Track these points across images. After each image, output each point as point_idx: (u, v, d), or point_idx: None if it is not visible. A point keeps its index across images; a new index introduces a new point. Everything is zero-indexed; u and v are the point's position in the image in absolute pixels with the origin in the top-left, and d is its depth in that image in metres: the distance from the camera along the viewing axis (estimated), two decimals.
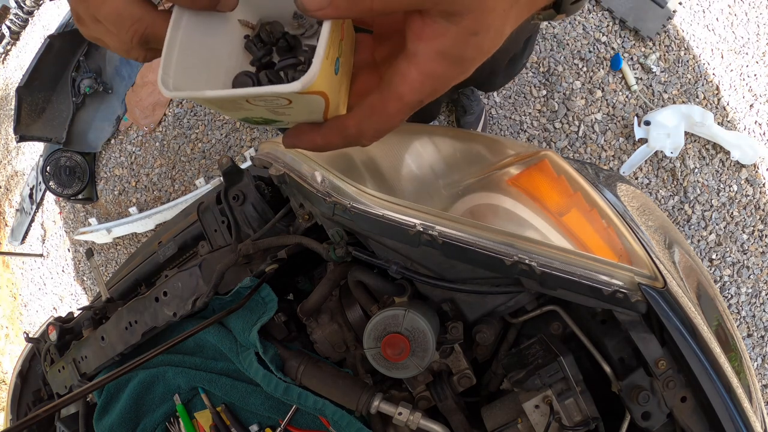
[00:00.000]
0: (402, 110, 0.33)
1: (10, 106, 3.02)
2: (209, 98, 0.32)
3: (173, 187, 2.44)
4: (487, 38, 0.31)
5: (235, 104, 0.33)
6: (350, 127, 0.35)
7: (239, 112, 0.35)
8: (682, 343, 0.56)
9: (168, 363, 0.83)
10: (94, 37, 0.39)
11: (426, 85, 0.32)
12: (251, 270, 0.76)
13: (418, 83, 0.32)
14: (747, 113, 1.82)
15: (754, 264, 1.85)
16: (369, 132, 0.35)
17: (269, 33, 0.38)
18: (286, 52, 0.38)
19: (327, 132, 0.36)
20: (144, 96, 2.45)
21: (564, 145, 1.90)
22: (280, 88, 0.30)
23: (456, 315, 0.66)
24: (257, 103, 0.32)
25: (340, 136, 0.35)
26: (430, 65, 0.31)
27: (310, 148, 0.37)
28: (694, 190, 1.84)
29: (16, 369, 1.19)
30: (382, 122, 0.34)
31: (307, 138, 0.37)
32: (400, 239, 0.61)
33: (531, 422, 0.61)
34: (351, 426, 0.68)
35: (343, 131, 0.35)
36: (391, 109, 0.33)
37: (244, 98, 0.31)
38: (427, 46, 0.31)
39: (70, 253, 2.82)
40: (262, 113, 0.35)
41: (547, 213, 0.62)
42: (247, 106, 0.33)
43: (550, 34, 1.89)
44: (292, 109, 0.33)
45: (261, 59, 0.38)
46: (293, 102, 0.32)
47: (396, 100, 0.33)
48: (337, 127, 0.35)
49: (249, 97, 0.31)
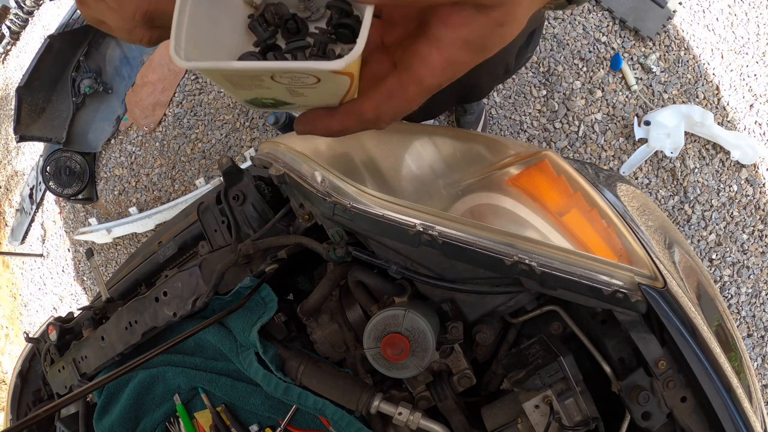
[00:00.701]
0: (421, 93, 0.33)
1: (10, 106, 3.02)
2: (235, 69, 0.30)
3: (173, 187, 2.44)
4: (510, 29, 0.31)
5: (256, 80, 0.32)
6: (368, 111, 0.34)
7: (254, 90, 0.34)
8: (682, 343, 0.56)
9: (168, 363, 0.83)
10: (95, 18, 0.38)
11: (447, 71, 0.32)
12: (251, 270, 0.76)
13: (440, 68, 0.32)
14: (747, 113, 1.82)
15: (754, 264, 1.85)
16: (387, 115, 0.35)
17: (274, 14, 0.37)
18: (293, 35, 0.38)
19: (343, 117, 0.35)
20: (144, 96, 2.45)
21: (564, 145, 1.90)
22: (320, 64, 0.29)
23: (456, 315, 0.66)
24: (282, 80, 0.31)
25: (357, 121, 0.35)
26: (454, 52, 0.31)
27: (325, 133, 0.37)
28: (694, 190, 1.84)
29: (16, 369, 1.19)
30: (400, 105, 0.34)
31: (322, 124, 0.36)
32: (400, 239, 0.61)
33: (531, 422, 0.61)
34: (351, 426, 0.68)
35: (360, 115, 0.35)
36: (411, 92, 0.33)
37: (271, 73, 0.30)
38: (453, 33, 0.31)
39: (70, 253, 2.82)
40: (278, 93, 0.34)
41: (547, 213, 0.62)
42: (267, 83, 0.32)
43: (550, 34, 1.89)
44: (314, 90, 0.33)
45: (266, 40, 0.37)
46: (321, 81, 0.31)
47: (416, 83, 0.33)
48: (354, 111, 0.35)
49: (279, 72, 0.30)
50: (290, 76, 0.31)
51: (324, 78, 0.30)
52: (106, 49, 2.47)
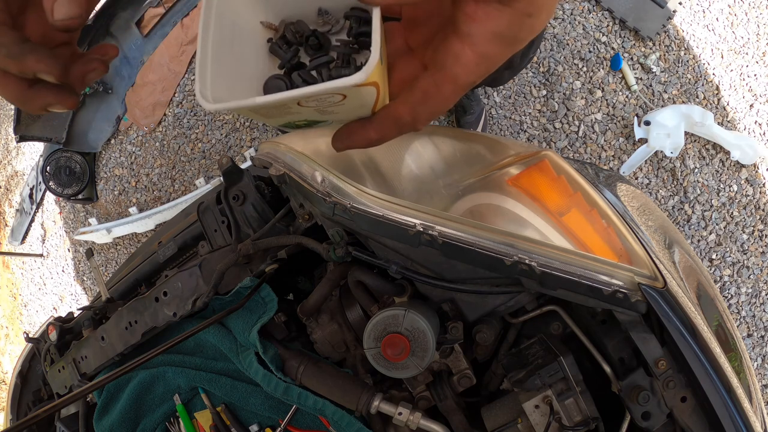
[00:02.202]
0: (456, 92, 0.33)
1: (10, 106, 3.02)
2: (260, 105, 0.30)
3: (173, 187, 2.44)
4: (539, 19, 0.31)
5: (283, 108, 0.32)
6: (404, 115, 0.34)
7: (284, 117, 0.34)
8: (682, 343, 0.56)
9: (168, 363, 0.83)
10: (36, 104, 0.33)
11: (481, 66, 0.32)
12: (251, 270, 0.76)
13: (474, 64, 0.32)
14: (747, 113, 1.82)
15: (754, 264, 1.85)
16: (424, 116, 0.34)
17: (294, 33, 0.37)
18: (316, 51, 0.38)
19: (379, 125, 0.35)
20: (144, 96, 2.45)
21: (564, 145, 1.90)
22: (341, 82, 0.29)
23: (456, 315, 0.66)
24: (309, 104, 0.31)
25: (394, 126, 0.35)
26: (486, 46, 0.31)
27: (364, 144, 0.36)
28: (694, 190, 1.84)
29: (16, 369, 1.19)
30: (437, 105, 0.34)
31: (359, 136, 0.36)
32: (400, 239, 0.61)
33: (531, 422, 0.61)
34: (351, 426, 0.68)
35: (397, 120, 0.34)
36: (446, 91, 0.33)
37: (296, 100, 0.30)
38: (483, 28, 0.31)
39: (70, 253, 2.82)
40: (309, 115, 0.34)
41: (547, 213, 0.62)
42: (295, 110, 0.32)
43: (550, 34, 1.89)
44: (343, 106, 0.32)
45: (290, 60, 0.37)
46: (348, 97, 0.31)
47: (451, 82, 0.33)
48: (390, 117, 0.35)
49: (303, 98, 0.30)
50: (315, 99, 0.30)
51: (349, 93, 0.30)
52: None
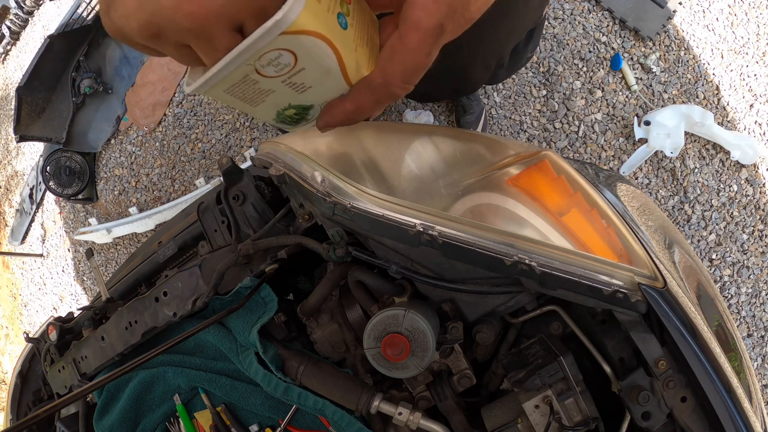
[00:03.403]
0: (424, 39, 0.32)
1: (10, 106, 3.02)
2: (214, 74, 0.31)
3: (173, 187, 2.44)
4: None
5: (250, 83, 0.33)
6: (375, 77, 0.33)
7: (264, 99, 0.34)
8: (682, 343, 0.56)
9: (168, 363, 0.83)
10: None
11: (440, 3, 0.31)
12: (251, 270, 0.76)
13: (431, 3, 0.30)
14: (747, 113, 1.82)
15: (754, 264, 1.85)
16: (396, 75, 0.33)
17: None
18: None
19: (355, 95, 0.34)
20: (144, 96, 2.45)
21: (564, 145, 1.90)
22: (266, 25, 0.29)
23: (456, 315, 0.66)
24: (267, 71, 0.31)
25: (369, 93, 0.34)
26: None
27: (344, 119, 0.36)
28: (694, 190, 1.84)
29: (16, 369, 1.19)
30: (406, 59, 0.32)
31: (336, 110, 0.35)
32: (400, 239, 0.61)
33: (531, 422, 0.61)
34: (351, 426, 0.68)
35: (369, 85, 0.34)
36: (412, 41, 0.32)
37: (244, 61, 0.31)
38: None
39: (70, 253, 2.81)
40: (284, 93, 0.34)
41: (547, 213, 0.62)
42: (264, 84, 0.33)
43: (550, 34, 1.89)
44: (305, 73, 0.32)
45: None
46: (298, 57, 0.31)
47: (413, 30, 0.31)
48: (362, 84, 0.34)
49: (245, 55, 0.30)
50: (267, 61, 0.31)
51: (294, 49, 0.30)
52: (106, 49, 2.47)
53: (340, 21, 0.32)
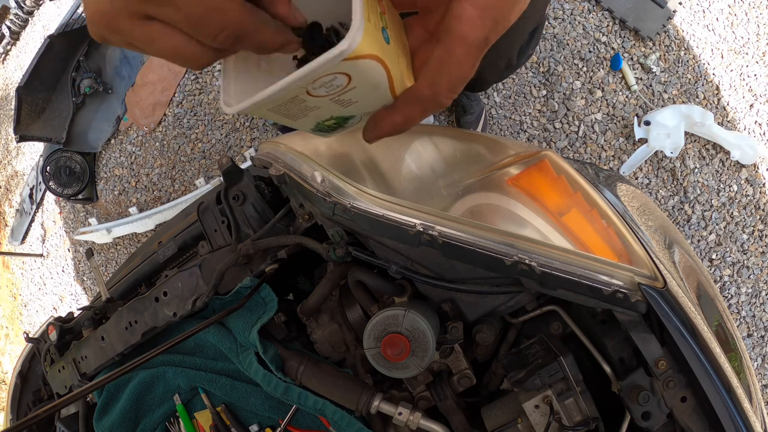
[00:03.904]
0: (470, 52, 0.33)
1: (10, 106, 3.02)
2: (267, 96, 0.31)
3: (173, 187, 2.44)
4: None
5: (298, 102, 0.32)
6: (423, 89, 0.34)
7: (307, 114, 0.34)
8: (682, 343, 0.56)
9: (168, 363, 0.83)
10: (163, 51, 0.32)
11: (486, 19, 0.32)
12: (251, 270, 0.76)
13: (477, 18, 0.31)
14: (747, 113, 1.82)
15: (754, 264, 1.85)
16: (443, 86, 0.34)
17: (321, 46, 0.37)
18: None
19: (402, 106, 0.35)
20: (144, 96, 2.45)
21: (564, 145, 1.90)
22: (328, 54, 0.28)
23: (456, 315, 0.66)
24: (318, 92, 0.31)
25: (416, 104, 0.34)
26: None
27: (392, 130, 0.36)
28: (694, 190, 1.84)
29: (16, 369, 1.19)
30: (453, 72, 0.33)
31: (385, 122, 0.36)
32: (400, 239, 0.61)
33: (531, 422, 0.61)
34: (351, 426, 0.68)
35: (417, 97, 0.34)
36: (459, 54, 0.32)
37: (298, 86, 0.30)
38: None
39: (70, 253, 2.81)
40: (329, 108, 0.34)
41: (547, 213, 0.62)
42: (311, 102, 0.32)
43: (550, 34, 1.89)
44: (356, 91, 0.32)
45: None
46: (352, 78, 0.31)
47: (460, 43, 0.32)
48: (410, 96, 0.34)
49: (303, 81, 0.30)
50: (320, 83, 0.31)
51: (350, 71, 0.30)
52: (106, 49, 2.46)
53: (384, 36, 0.32)
